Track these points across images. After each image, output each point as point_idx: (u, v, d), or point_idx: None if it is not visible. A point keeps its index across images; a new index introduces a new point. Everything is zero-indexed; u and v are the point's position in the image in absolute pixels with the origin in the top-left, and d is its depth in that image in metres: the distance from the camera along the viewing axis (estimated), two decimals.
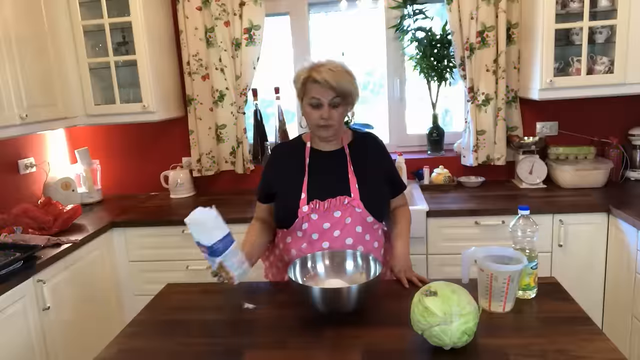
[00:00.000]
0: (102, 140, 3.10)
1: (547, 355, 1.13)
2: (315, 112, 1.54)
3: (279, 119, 2.97)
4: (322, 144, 1.66)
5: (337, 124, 1.58)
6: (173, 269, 2.55)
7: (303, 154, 1.66)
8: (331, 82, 1.49)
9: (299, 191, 1.59)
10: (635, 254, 2.07)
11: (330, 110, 1.53)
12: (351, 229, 1.58)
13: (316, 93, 1.52)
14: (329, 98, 1.52)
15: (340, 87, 1.50)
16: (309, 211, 1.57)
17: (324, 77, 1.49)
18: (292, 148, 1.71)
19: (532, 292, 1.41)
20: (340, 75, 1.51)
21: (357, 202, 1.57)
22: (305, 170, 1.63)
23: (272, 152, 1.77)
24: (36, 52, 2.36)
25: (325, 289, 1.29)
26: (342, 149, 1.66)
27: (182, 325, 1.39)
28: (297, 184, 1.61)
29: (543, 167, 2.65)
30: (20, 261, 1.87)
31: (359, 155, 1.66)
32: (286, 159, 1.70)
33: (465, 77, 2.69)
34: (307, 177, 1.61)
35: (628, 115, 2.76)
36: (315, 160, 1.65)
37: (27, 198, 2.69)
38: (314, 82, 1.51)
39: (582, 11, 2.33)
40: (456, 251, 2.35)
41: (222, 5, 2.73)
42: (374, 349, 1.20)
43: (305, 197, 1.58)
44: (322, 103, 1.53)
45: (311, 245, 1.59)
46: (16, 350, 1.83)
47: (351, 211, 1.58)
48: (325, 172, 1.63)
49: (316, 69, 1.51)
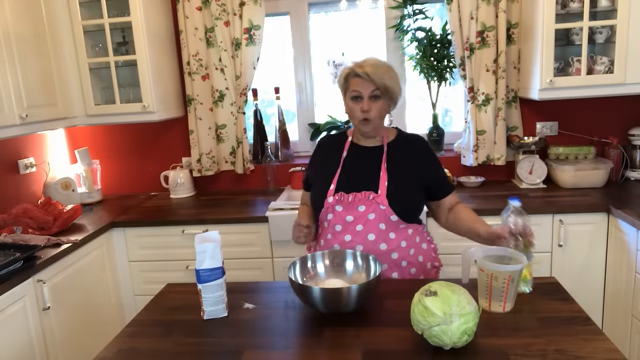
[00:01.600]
0: (102, 140, 3.10)
1: (547, 355, 1.13)
2: (356, 105, 1.61)
3: (279, 119, 2.97)
4: (362, 140, 1.71)
5: (377, 118, 1.62)
6: (173, 269, 2.55)
7: (343, 147, 1.72)
8: (371, 76, 1.55)
9: (329, 182, 1.66)
10: (635, 254, 2.07)
11: (370, 103, 1.59)
12: (374, 225, 1.60)
13: (357, 86, 1.59)
14: (369, 91, 1.58)
15: (381, 81, 1.56)
16: (334, 202, 1.62)
17: (365, 70, 1.56)
18: (335, 141, 1.78)
19: (526, 286, 1.41)
20: (381, 70, 1.57)
21: (381, 199, 1.59)
22: (340, 162, 1.68)
23: (318, 143, 1.85)
24: (36, 52, 2.36)
25: (325, 289, 1.29)
26: (381, 146, 1.69)
27: (182, 325, 1.39)
28: (329, 175, 1.67)
29: (543, 167, 2.65)
30: (20, 261, 1.87)
31: (397, 154, 1.67)
32: (327, 150, 1.77)
33: (465, 77, 2.69)
34: (340, 169, 1.67)
35: (628, 115, 2.76)
36: (352, 155, 1.70)
37: (27, 198, 2.69)
38: (356, 76, 1.58)
39: (582, 11, 2.33)
40: (456, 251, 2.35)
41: (222, 5, 2.73)
42: (374, 349, 1.20)
43: (334, 188, 1.64)
44: (362, 95, 1.58)
45: (335, 237, 1.64)
46: (16, 350, 1.83)
47: (375, 207, 1.59)
48: (359, 166, 1.67)
49: (359, 65, 1.59)
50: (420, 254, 1.69)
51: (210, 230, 1.74)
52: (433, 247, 1.75)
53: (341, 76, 1.64)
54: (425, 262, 1.70)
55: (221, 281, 1.40)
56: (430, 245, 1.74)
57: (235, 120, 2.89)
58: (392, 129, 1.76)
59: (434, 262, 1.74)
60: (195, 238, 1.40)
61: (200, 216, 2.52)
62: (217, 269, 1.38)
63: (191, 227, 2.49)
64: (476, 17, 2.60)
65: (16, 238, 2.12)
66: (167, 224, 2.51)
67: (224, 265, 1.41)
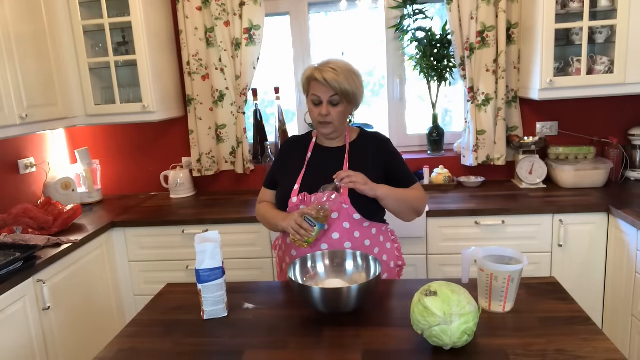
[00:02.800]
0: (102, 140, 3.10)
1: (547, 355, 1.13)
2: (315, 109, 1.63)
3: (279, 119, 2.97)
4: (325, 141, 1.73)
5: (337, 122, 1.64)
6: (173, 269, 2.55)
7: (307, 148, 1.74)
8: (330, 81, 1.56)
9: (293, 182, 1.68)
10: (635, 254, 2.07)
11: (329, 108, 1.61)
12: (339, 224, 1.61)
13: (316, 91, 1.61)
14: (327, 96, 1.59)
15: (340, 87, 1.57)
16: (297, 202, 1.64)
17: (324, 76, 1.57)
18: (299, 142, 1.80)
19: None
20: (341, 75, 1.57)
21: (344, 198, 1.60)
22: (305, 163, 1.70)
23: (283, 143, 1.87)
24: (36, 52, 2.36)
25: (325, 289, 1.29)
26: (343, 146, 1.71)
27: (182, 325, 1.39)
28: (294, 175, 1.69)
29: (543, 167, 2.65)
30: (20, 261, 1.87)
31: (359, 153, 1.69)
32: (292, 151, 1.79)
33: (465, 77, 2.69)
34: (304, 170, 1.69)
35: (628, 115, 2.76)
36: (316, 155, 1.72)
37: (27, 198, 2.69)
38: (315, 80, 1.59)
39: (582, 11, 2.33)
40: (456, 251, 2.35)
41: (222, 5, 2.73)
42: (374, 349, 1.20)
43: (298, 188, 1.65)
44: (322, 100, 1.60)
45: None
46: (16, 350, 1.83)
47: (338, 206, 1.61)
48: (322, 167, 1.68)
49: (319, 68, 1.60)
50: (384, 253, 1.70)
51: (210, 230, 1.74)
52: (397, 246, 1.77)
53: (303, 77, 1.65)
54: (388, 261, 1.72)
55: (221, 281, 1.40)
56: (394, 245, 1.75)
57: (235, 120, 2.89)
58: (355, 128, 1.78)
59: (397, 262, 1.76)
60: (195, 238, 1.40)
61: (200, 216, 2.52)
62: (217, 269, 1.39)
63: (191, 227, 2.49)
64: (476, 17, 2.60)
65: (16, 238, 2.12)
66: (167, 224, 2.51)
67: (224, 265, 1.41)
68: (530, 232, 2.33)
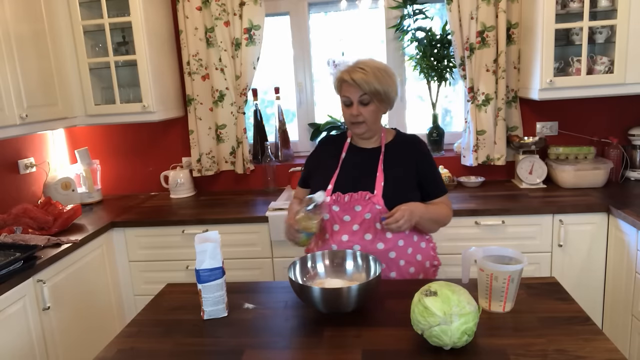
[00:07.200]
0: (102, 140, 3.10)
1: (547, 355, 1.13)
2: (347, 110, 1.64)
3: (279, 119, 2.97)
4: (360, 141, 1.73)
5: (369, 121, 1.64)
6: (173, 269, 2.55)
7: (342, 148, 1.74)
8: (358, 81, 1.57)
9: (327, 182, 1.67)
10: (635, 254, 2.07)
11: (360, 108, 1.61)
12: (370, 225, 1.61)
13: (346, 92, 1.62)
14: (357, 96, 1.59)
15: (369, 86, 1.57)
16: (331, 202, 1.64)
17: (352, 76, 1.57)
18: (335, 141, 1.80)
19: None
20: (370, 74, 1.57)
21: (377, 199, 1.60)
22: (339, 163, 1.70)
23: (319, 143, 1.87)
24: (36, 51, 2.36)
25: (325, 289, 1.29)
26: (379, 147, 1.71)
27: (182, 325, 1.39)
28: (328, 175, 1.69)
29: (543, 167, 2.65)
30: (20, 261, 1.87)
31: (394, 155, 1.68)
32: (327, 151, 1.79)
33: (465, 77, 2.69)
34: (338, 170, 1.69)
35: (628, 115, 2.76)
36: (351, 156, 1.72)
37: (27, 198, 2.69)
38: (345, 82, 1.60)
39: (582, 11, 2.33)
40: (456, 251, 2.35)
41: (222, 5, 2.73)
42: (374, 349, 1.20)
43: (331, 188, 1.65)
44: (352, 101, 1.61)
45: (332, 236, 1.65)
46: (16, 350, 1.83)
47: (371, 207, 1.60)
48: (356, 167, 1.69)
49: (349, 70, 1.60)
50: (418, 252, 1.69)
51: (210, 230, 1.74)
52: (432, 245, 1.76)
53: (335, 80, 1.66)
54: (423, 260, 1.70)
55: (221, 281, 1.40)
56: (429, 244, 1.74)
57: (235, 120, 2.89)
58: (391, 130, 1.77)
59: (432, 261, 1.74)
60: (195, 238, 1.40)
61: (200, 216, 2.52)
62: (217, 269, 1.39)
63: (191, 227, 2.49)
64: (476, 17, 2.60)
65: (16, 238, 2.12)
66: (167, 224, 2.51)
67: (224, 265, 1.41)
68: (530, 232, 2.33)
